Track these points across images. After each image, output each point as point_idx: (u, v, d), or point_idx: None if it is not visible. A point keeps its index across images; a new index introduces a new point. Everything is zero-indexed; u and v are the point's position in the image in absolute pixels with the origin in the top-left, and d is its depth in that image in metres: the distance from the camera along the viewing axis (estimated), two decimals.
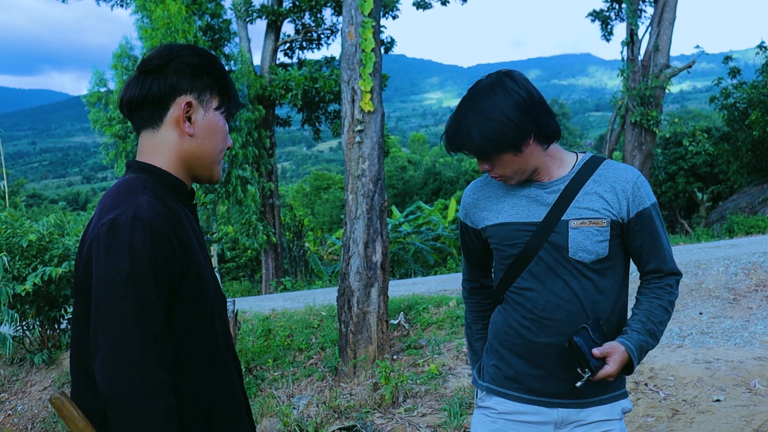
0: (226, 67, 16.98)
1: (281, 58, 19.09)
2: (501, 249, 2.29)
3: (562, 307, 2.19)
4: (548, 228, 2.19)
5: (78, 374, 1.79)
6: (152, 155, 1.83)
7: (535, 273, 2.22)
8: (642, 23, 18.19)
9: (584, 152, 2.33)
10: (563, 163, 2.27)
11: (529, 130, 2.12)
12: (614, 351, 2.11)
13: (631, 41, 18.04)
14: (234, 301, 6.28)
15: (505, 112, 2.09)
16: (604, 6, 19.86)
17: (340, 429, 5.30)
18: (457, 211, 20.91)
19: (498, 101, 2.10)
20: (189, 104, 1.81)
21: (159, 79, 1.80)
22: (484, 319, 2.52)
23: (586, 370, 2.09)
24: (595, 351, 2.09)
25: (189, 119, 1.82)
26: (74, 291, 1.80)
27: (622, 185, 2.20)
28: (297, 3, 18.03)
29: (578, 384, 2.11)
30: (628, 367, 2.17)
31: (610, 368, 2.10)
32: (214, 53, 13.38)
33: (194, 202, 1.98)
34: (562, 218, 2.18)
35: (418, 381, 6.03)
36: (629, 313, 2.32)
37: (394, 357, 6.68)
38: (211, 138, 1.86)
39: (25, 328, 7.50)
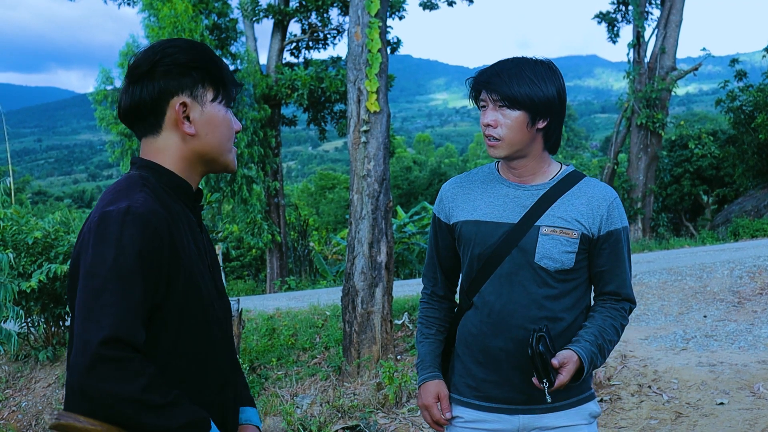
0: (233, 66, 17.07)
1: (287, 57, 19.14)
2: (470, 248, 2.27)
3: (518, 312, 2.18)
4: (520, 231, 2.19)
5: None
6: (158, 156, 1.79)
7: (498, 276, 2.21)
8: (648, 25, 18.20)
9: (568, 165, 2.33)
10: (549, 169, 2.28)
11: (549, 114, 2.16)
12: (569, 360, 2.09)
13: (638, 43, 18.04)
14: (238, 300, 6.30)
15: (546, 83, 2.13)
16: (610, 8, 19.86)
17: (343, 428, 5.31)
18: None
19: (544, 72, 2.15)
20: (184, 104, 1.76)
21: (147, 86, 1.75)
22: (437, 325, 2.46)
23: (545, 381, 2.04)
24: (555, 362, 2.06)
25: (188, 119, 1.77)
26: (68, 288, 1.76)
27: (599, 202, 2.21)
28: (304, 3, 18.06)
29: (548, 399, 2.07)
30: (577, 375, 2.14)
31: (563, 378, 2.08)
32: (220, 52, 13.18)
33: (201, 204, 1.94)
34: (536, 223, 2.18)
35: None
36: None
37: (398, 357, 6.69)
38: (214, 132, 1.81)
39: (29, 324, 7.53)
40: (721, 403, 5.04)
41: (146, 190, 1.70)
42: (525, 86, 2.10)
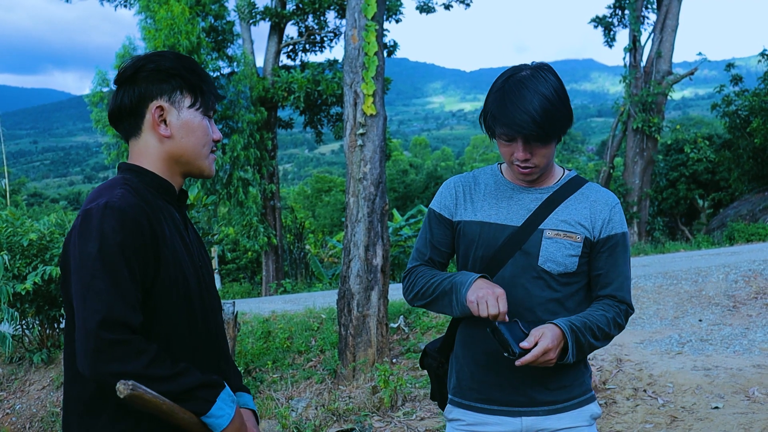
0: (229, 69, 17.06)
1: (284, 60, 19.12)
2: (472, 249, 2.26)
3: (520, 315, 2.18)
4: (525, 234, 2.19)
5: (70, 365, 1.84)
6: (139, 159, 1.92)
7: (501, 278, 2.21)
8: (645, 30, 18.27)
9: (570, 169, 2.34)
10: (553, 173, 2.29)
11: (568, 124, 2.15)
12: (544, 331, 2.03)
13: (634, 47, 18.08)
14: (234, 302, 6.28)
15: (561, 97, 2.10)
16: (607, 12, 19.90)
17: None
18: None
19: (554, 85, 2.09)
20: (160, 108, 1.88)
21: (129, 90, 1.88)
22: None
23: (508, 353, 2.02)
24: (524, 344, 2.00)
25: (165, 122, 1.89)
26: (61, 287, 1.87)
27: (601, 206, 2.22)
28: (300, 5, 18.05)
29: (516, 362, 2.02)
30: (562, 353, 2.09)
31: (542, 345, 2.00)
32: (217, 54, 13.16)
33: (188, 203, 2.02)
34: (540, 227, 2.18)
35: (416, 385, 6.03)
36: None
37: (394, 360, 6.68)
38: (189, 136, 1.92)
39: (24, 327, 7.50)
40: (716, 407, 5.04)
41: (126, 187, 1.81)
42: (555, 110, 2.06)
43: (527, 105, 2.04)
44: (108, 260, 1.69)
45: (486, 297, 2.05)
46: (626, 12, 18.82)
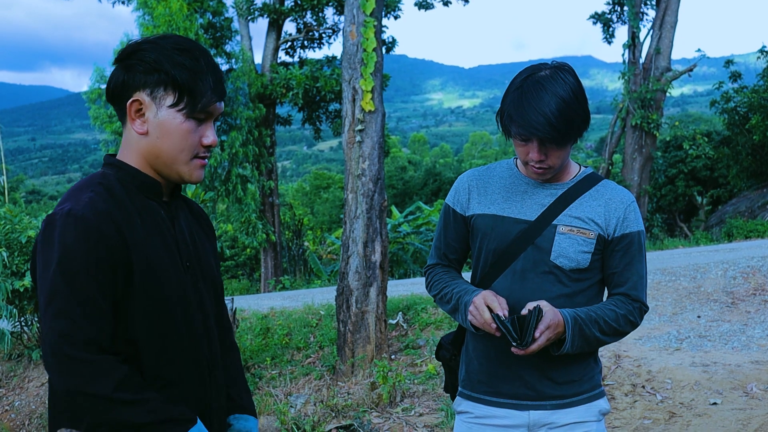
0: (227, 66, 17.02)
1: (282, 56, 19.09)
2: (485, 242, 2.26)
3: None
4: (538, 228, 2.19)
5: None
6: (124, 151, 1.79)
7: (512, 271, 2.21)
8: (644, 26, 18.24)
9: (586, 166, 2.34)
10: (569, 169, 2.28)
11: (585, 127, 2.14)
12: (550, 324, 2.05)
13: (633, 44, 18.06)
14: (232, 299, 6.29)
15: (579, 99, 2.08)
16: (605, 8, 19.88)
17: (337, 428, 5.31)
18: None
19: (572, 87, 2.08)
20: (138, 102, 1.72)
21: (116, 75, 1.74)
22: (459, 278, 2.41)
23: (514, 344, 2.03)
24: (537, 334, 2.03)
25: (144, 117, 1.73)
26: (34, 289, 1.81)
27: (616, 204, 2.21)
28: (299, 2, 18.02)
29: (515, 349, 2.06)
30: (558, 343, 2.12)
31: (541, 340, 2.04)
32: (215, 51, 13.01)
33: (179, 198, 1.92)
34: (553, 222, 2.18)
35: (415, 381, 6.03)
36: None
37: (392, 357, 6.69)
38: (165, 137, 1.73)
39: (23, 323, 7.50)
40: (715, 403, 5.05)
41: (99, 189, 1.69)
42: (571, 112, 2.06)
43: (544, 107, 2.03)
44: (70, 274, 1.58)
45: (479, 311, 2.12)
46: (625, 8, 18.79)
